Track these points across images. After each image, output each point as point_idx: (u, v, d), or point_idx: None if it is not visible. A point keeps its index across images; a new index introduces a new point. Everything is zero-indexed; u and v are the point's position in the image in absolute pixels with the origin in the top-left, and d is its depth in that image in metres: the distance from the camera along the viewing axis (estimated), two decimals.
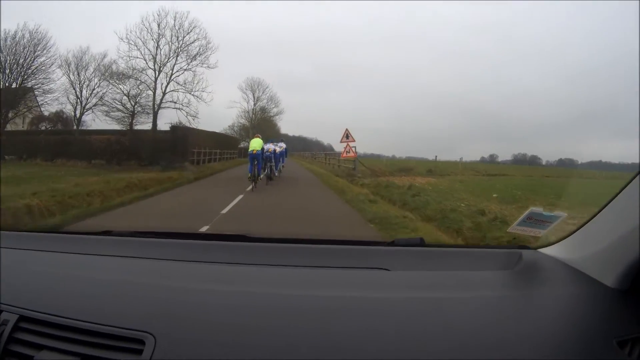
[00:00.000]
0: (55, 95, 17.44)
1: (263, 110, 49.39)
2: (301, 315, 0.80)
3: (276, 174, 11.95)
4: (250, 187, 9.51)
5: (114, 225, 1.42)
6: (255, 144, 10.66)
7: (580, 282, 0.90)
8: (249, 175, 9.94)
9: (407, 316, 0.79)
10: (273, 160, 11.48)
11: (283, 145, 13.89)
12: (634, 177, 0.81)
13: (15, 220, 4.78)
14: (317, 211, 6.78)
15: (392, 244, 1.25)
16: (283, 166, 13.65)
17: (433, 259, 1.20)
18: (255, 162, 10.02)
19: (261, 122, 49.84)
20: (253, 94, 50.44)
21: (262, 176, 10.53)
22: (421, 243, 1.25)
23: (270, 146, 11.65)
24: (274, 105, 50.23)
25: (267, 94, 51.00)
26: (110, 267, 1.07)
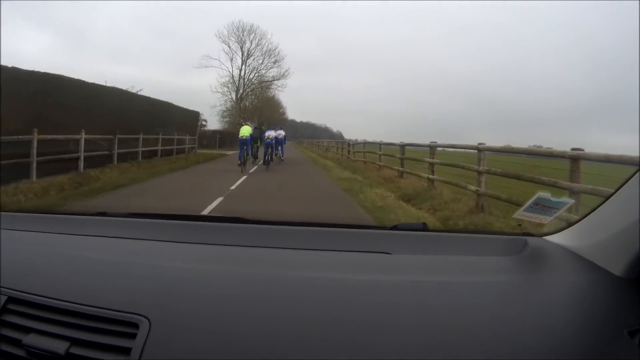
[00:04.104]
0: None
1: (258, 74, 33.11)
2: (300, 297, 0.77)
3: (281, 156, 13.65)
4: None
5: (109, 207, 1.32)
6: (244, 130, 11.31)
7: (587, 270, 0.88)
8: (238, 162, 10.71)
9: (408, 299, 0.77)
10: (273, 147, 12.36)
11: (282, 132, 14.51)
12: None
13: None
14: None
15: (394, 228, 1.20)
16: (281, 156, 14.04)
17: (435, 243, 1.15)
18: (245, 147, 10.79)
19: (262, 102, 33.85)
20: (240, 47, 33.61)
21: (257, 162, 12.05)
22: (424, 228, 1.21)
23: (270, 133, 12.39)
24: (272, 63, 33.66)
25: (264, 47, 34.20)
26: (104, 248, 1.02)
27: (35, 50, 40.05)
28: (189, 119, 16.86)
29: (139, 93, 12.71)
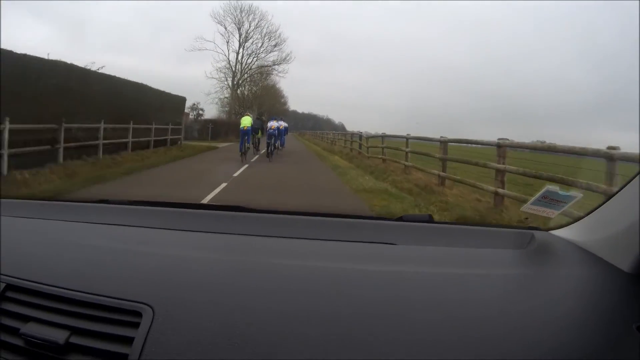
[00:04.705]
0: None
1: (257, 58, 30.37)
2: (302, 286, 0.76)
3: (280, 147, 13.28)
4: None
5: (111, 195, 1.32)
6: (245, 121, 11.25)
7: (594, 265, 0.87)
8: (240, 151, 10.61)
9: (412, 290, 0.76)
10: (277, 137, 12.02)
11: (284, 123, 14.46)
12: None
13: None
14: None
15: (400, 219, 1.18)
16: (280, 147, 13.78)
17: (441, 235, 1.13)
18: (246, 138, 10.73)
19: (262, 90, 31.25)
20: (238, 28, 30.77)
21: (260, 152, 12.39)
22: (430, 219, 1.20)
23: (273, 123, 12.09)
24: (272, 47, 30.85)
25: (263, 29, 31.37)
26: (105, 235, 1.01)
27: (31, 43, 37.67)
28: (173, 106, 14.39)
29: (99, 71, 10.13)
